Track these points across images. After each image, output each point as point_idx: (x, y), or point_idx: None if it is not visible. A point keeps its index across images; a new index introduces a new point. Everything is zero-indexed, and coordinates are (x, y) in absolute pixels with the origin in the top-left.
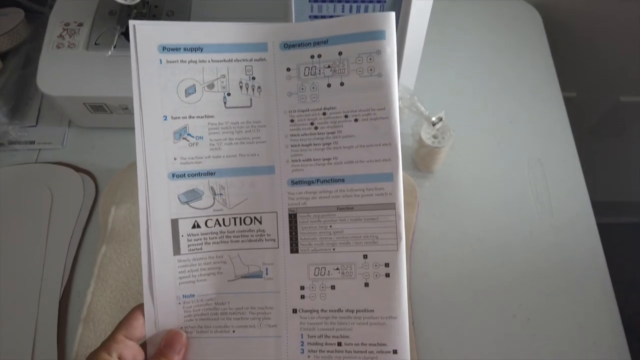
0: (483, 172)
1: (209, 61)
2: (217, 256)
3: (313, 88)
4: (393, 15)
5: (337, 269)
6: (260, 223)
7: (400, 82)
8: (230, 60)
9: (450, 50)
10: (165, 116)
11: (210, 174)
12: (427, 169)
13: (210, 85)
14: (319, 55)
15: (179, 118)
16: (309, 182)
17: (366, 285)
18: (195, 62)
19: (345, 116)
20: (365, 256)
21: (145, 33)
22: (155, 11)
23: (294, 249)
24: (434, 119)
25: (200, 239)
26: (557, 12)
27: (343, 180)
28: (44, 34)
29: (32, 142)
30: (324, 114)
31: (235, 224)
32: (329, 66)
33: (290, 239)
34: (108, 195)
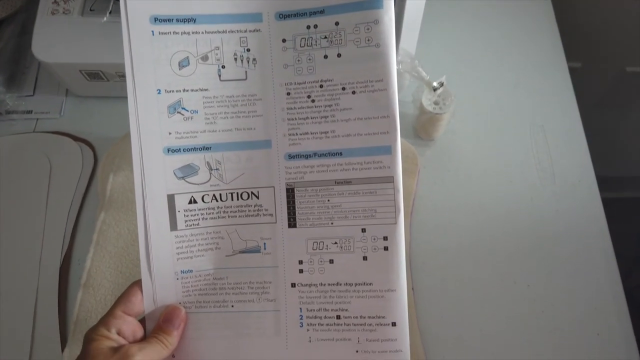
0: (485, 139)
1: (202, 32)
2: (215, 232)
3: (309, 60)
4: None
5: (336, 243)
6: (257, 198)
7: (400, 46)
8: (224, 32)
9: (452, 14)
10: (159, 89)
11: (206, 148)
12: (428, 136)
13: (204, 58)
14: (315, 26)
15: (173, 91)
16: (307, 156)
17: (365, 259)
18: (188, 34)
19: (343, 88)
20: (363, 230)
21: (136, 4)
22: None
23: (292, 224)
24: (435, 84)
25: (197, 215)
26: None
27: (341, 154)
28: (39, 1)
29: (30, 112)
30: (321, 86)
31: (232, 199)
32: (325, 37)
33: (288, 214)
34: (106, 163)
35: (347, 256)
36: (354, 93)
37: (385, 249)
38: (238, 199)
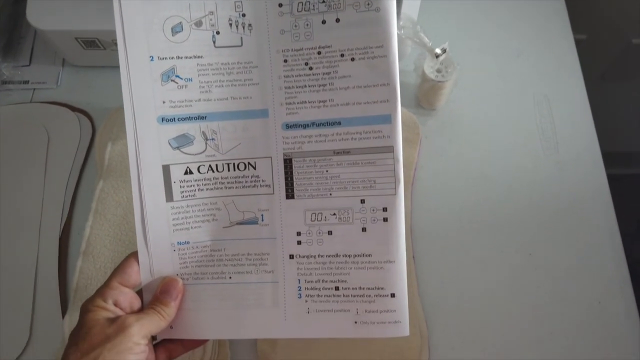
0: (487, 108)
1: None
2: (211, 203)
3: (307, 25)
4: None
5: (334, 214)
6: (254, 168)
7: (402, 11)
8: None
9: None
10: (152, 56)
11: (201, 118)
12: (430, 105)
13: (198, 23)
14: None
15: (166, 58)
16: (304, 126)
17: (364, 230)
18: None
19: (342, 55)
20: (362, 201)
21: None
22: None
23: (290, 195)
24: (437, 50)
25: (193, 186)
26: None
27: (339, 123)
28: None
29: (26, 82)
30: (319, 53)
31: (228, 170)
32: (323, 1)
33: (286, 185)
34: (104, 132)
35: (346, 227)
36: (353, 60)
37: (385, 220)
38: (235, 170)
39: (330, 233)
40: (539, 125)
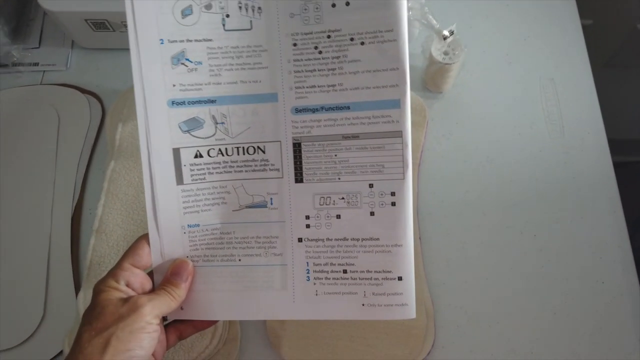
0: (494, 91)
1: None
2: (221, 186)
3: (317, 8)
4: None
5: (343, 198)
6: (263, 152)
7: None
8: None
9: None
10: (162, 39)
11: (211, 101)
12: (437, 89)
13: (208, 6)
14: None
15: (176, 41)
16: (314, 110)
17: (372, 214)
18: None
19: (351, 39)
20: (371, 185)
21: None
22: None
23: (299, 179)
24: (445, 32)
25: (203, 169)
26: None
27: (348, 108)
28: None
29: (36, 64)
30: (329, 37)
31: (238, 154)
32: None
33: (295, 169)
34: (114, 113)
35: (354, 211)
36: (362, 44)
37: (393, 204)
38: (244, 154)
39: (338, 217)
40: (544, 108)
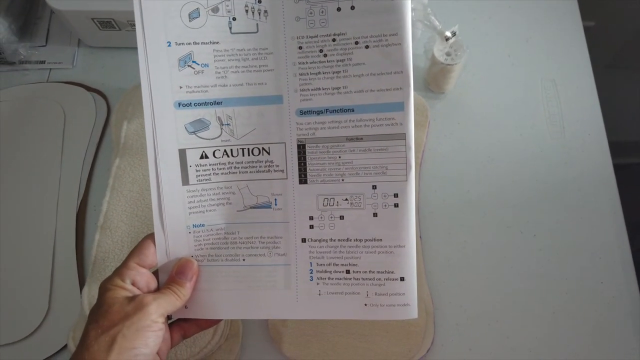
0: (496, 91)
1: None
2: (226, 187)
3: (322, 12)
4: None
5: (346, 199)
6: (268, 154)
7: None
8: None
9: None
10: (169, 42)
11: (217, 103)
12: (439, 89)
13: (215, 9)
14: None
15: (184, 44)
16: (318, 112)
17: (375, 215)
18: None
19: (356, 43)
20: (374, 187)
21: None
22: None
23: (303, 180)
24: (447, 33)
25: (209, 170)
26: None
27: (353, 110)
28: None
29: (43, 62)
30: (334, 40)
31: (243, 155)
32: None
33: (299, 170)
34: (120, 110)
35: (358, 212)
36: (367, 47)
37: (396, 205)
38: (249, 155)
39: (342, 218)
40: (546, 109)
